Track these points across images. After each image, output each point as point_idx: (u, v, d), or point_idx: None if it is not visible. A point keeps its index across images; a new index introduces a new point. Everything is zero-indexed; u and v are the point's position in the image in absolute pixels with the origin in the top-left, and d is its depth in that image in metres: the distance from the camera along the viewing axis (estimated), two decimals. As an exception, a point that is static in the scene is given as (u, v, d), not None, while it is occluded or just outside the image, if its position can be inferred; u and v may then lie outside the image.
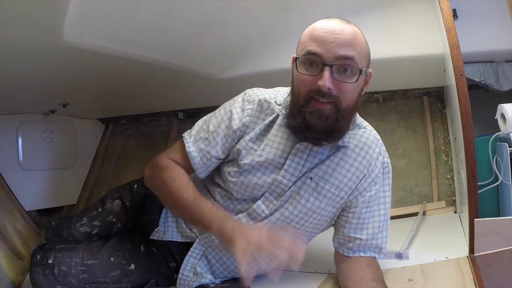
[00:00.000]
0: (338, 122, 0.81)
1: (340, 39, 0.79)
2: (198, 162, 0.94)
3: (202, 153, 0.94)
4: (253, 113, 0.93)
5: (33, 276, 0.95)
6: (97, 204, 1.15)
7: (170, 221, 1.04)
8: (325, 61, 0.78)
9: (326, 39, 0.79)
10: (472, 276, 0.89)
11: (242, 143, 0.92)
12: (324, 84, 0.77)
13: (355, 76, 0.80)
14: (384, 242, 0.94)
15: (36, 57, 1.03)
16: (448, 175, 1.59)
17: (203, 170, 0.96)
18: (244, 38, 1.35)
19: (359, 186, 0.90)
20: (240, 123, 0.92)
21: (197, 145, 0.95)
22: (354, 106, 0.85)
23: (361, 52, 0.81)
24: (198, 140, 0.95)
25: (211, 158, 0.95)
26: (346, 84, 0.80)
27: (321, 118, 0.80)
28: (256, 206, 0.92)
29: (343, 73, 0.80)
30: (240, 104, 0.95)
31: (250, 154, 0.92)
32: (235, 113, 0.94)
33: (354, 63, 0.79)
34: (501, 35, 1.34)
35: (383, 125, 1.70)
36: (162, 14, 1.05)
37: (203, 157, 0.94)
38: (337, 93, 0.80)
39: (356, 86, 0.82)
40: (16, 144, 1.53)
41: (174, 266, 1.02)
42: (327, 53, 0.78)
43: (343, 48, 0.78)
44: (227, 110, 0.96)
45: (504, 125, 1.28)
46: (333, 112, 0.80)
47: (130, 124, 2.01)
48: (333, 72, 0.78)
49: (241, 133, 0.93)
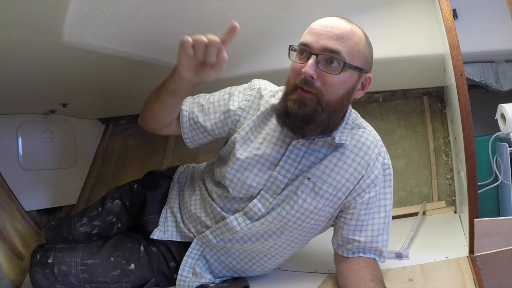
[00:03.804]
0: (317, 113, 0.82)
1: (331, 32, 0.82)
2: (185, 122, 1.00)
3: (192, 115, 0.99)
4: (251, 99, 0.97)
5: (33, 275, 0.95)
6: (97, 204, 1.16)
7: (170, 221, 1.04)
8: (312, 50, 0.82)
9: (318, 31, 0.83)
10: (472, 276, 0.89)
11: (241, 132, 0.94)
12: (306, 70, 0.80)
13: (340, 69, 0.81)
14: (385, 245, 0.93)
15: (36, 57, 1.03)
16: (448, 175, 1.59)
17: (188, 134, 1.00)
18: (244, 38, 1.34)
19: (358, 187, 0.90)
20: (237, 106, 0.97)
21: (191, 106, 1.00)
22: (338, 102, 0.84)
23: (353, 50, 0.82)
24: (195, 103, 1.01)
25: (197, 124, 0.99)
26: (329, 75, 0.81)
27: (300, 106, 0.82)
28: (252, 204, 0.92)
29: (329, 64, 0.81)
30: (242, 89, 1.00)
31: (247, 145, 0.93)
32: (235, 95, 0.99)
33: (340, 57, 0.81)
34: (501, 35, 1.34)
35: (383, 125, 1.70)
36: (162, 14, 1.05)
37: (191, 119, 0.99)
38: (320, 85, 0.82)
39: (340, 80, 0.82)
40: (16, 144, 1.52)
41: (174, 266, 1.02)
42: (315, 44, 0.82)
43: (332, 40, 0.81)
44: (231, 90, 1.01)
45: (504, 125, 1.28)
46: (313, 102, 0.82)
47: (130, 124, 2.01)
48: (319, 62, 0.81)
49: (237, 117, 0.96)
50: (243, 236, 0.95)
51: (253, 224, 0.92)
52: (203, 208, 1.01)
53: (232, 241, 0.96)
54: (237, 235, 0.95)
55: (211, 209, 0.98)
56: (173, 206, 1.07)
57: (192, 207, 1.03)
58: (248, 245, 0.96)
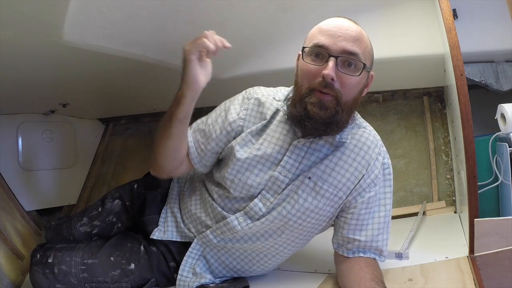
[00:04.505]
0: (338, 115, 0.83)
1: (348, 34, 0.82)
2: (193, 152, 0.98)
3: (197, 143, 0.98)
4: (250, 107, 0.96)
5: (33, 275, 0.95)
6: (97, 204, 1.16)
7: (170, 221, 1.04)
8: (331, 52, 0.81)
9: (334, 33, 0.82)
10: (472, 276, 0.89)
11: (243, 135, 0.94)
12: (328, 72, 0.80)
13: (358, 70, 0.83)
14: (385, 245, 0.93)
15: (36, 57, 1.03)
16: (448, 175, 1.59)
17: (198, 161, 0.99)
18: (244, 38, 1.35)
19: (358, 187, 0.90)
20: (237, 116, 0.95)
21: (194, 136, 0.99)
22: (353, 103, 0.86)
23: (366, 51, 0.84)
24: (196, 131, 1.00)
25: (205, 150, 0.98)
26: (349, 77, 0.82)
27: (321, 108, 0.82)
28: (253, 204, 0.92)
29: (347, 67, 0.82)
30: (239, 101, 0.98)
31: (248, 146, 0.93)
32: (232, 108, 0.97)
33: (358, 58, 0.82)
34: (501, 35, 1.34)
35: (383, 125, 1.70)
36: (162, 14, 1.05)
37: (198, 147, 0.98)
38: (339, 86, 0.82)
39: (358, 82, 0.84)
40: (16, 144, 1.52)
41: (174, 266, 1.02)
42: (334, 46, 0.81)
43: (349, 43, 0.81)
44: (226, 105, 0.99)
45: (504, 125, 1.28)
46: (334, 104, 0.82)
47: (130, 124, 2.01)
48: (338, 64, 0.81)
49: (239, 128, 0.95)
50: (244, 236, 0.95)
51: (253, 224, 0.92)
52: (204, 208, 1.01)
53: (233, 240, 0.96)
54: (238, 234, 0.95)
55: (212, 209, 0.98)
56: (173, 206, 1.07)
57: (192, 207, 1.03)
58: (248, 244, 0.96)
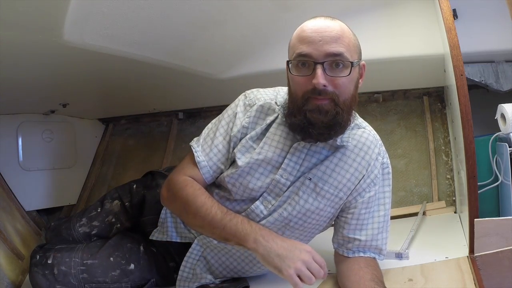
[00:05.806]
0: (339, 116, 0.82)
1: (327, 36, 0.80)
2: (207, 171, 0.95)
3: (211, 161, 0.95)
4: (253, 114, 0.94)
5: (32, 276, 0.95)
6: (97, 204, 1.15)
7: (169, 222, 1.04)
8: (316, 59, 0.80)
9: (313, 38, 0.81)
10: (472, 276, 0.89)
11: (243, 142, 0.93)
12: (318, 81, 0.79)
13: (347, 69, 0.81)
14: (384, 243, 0.93)
15: (36, 57, 1.03)
16: (448, 175, 1.59)
17: (212, 178, 0.96)
18: (244, 38, 1.35)
19: (358, 187, 0.90)
20: (240, 126, 0.94)
21: (205, 154, 0.95)
22: (352, 99, 0.85)
23: (350, 46, 0.82)
24: (206, 148, 0.96)
25: (218, 164, 0.95)
26: (339, 78, 0.81)
27: (321, 113, 0.81)
28: (254, 206, 0.92)
29: (335, 68, 0.81)
30: (241, 109, 0.96)
31: (249, 152, 0.92)
32: (237, 118, 0.95)
33: (344, 57, 0.80)
34: (501, 35, 1.34)
35: (383, 125, 1.70)
36: (162, 14, 1.05)
37: (213, 165, 0.95)
38: (333, 88, 0.81)
39: (350, 79, 0.83)
40: (16, 144, 1.53)
41: (174, 266, 1.02)
42: (316, 52, 0.80)
43: (331, 44, 0.80)
44: (230, 115, 0.96)
45: (504, 125, 1.27)
46: (332, 106, 0.82)
47: (130, 124, 2.01)
48: (325, 69, 0.80)
49: (242, 135, 0.94)
50: (244, 237, 0.95)
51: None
52: (204, 208, 1.00)
53: (233, 241, 0.96)
54: (238, 235, 0.94)
55: (212, 210, 0.97)
56: (173, 206, 1.07)
57: (192, 208, 1.02)
58: (249, 245, 0.95)
